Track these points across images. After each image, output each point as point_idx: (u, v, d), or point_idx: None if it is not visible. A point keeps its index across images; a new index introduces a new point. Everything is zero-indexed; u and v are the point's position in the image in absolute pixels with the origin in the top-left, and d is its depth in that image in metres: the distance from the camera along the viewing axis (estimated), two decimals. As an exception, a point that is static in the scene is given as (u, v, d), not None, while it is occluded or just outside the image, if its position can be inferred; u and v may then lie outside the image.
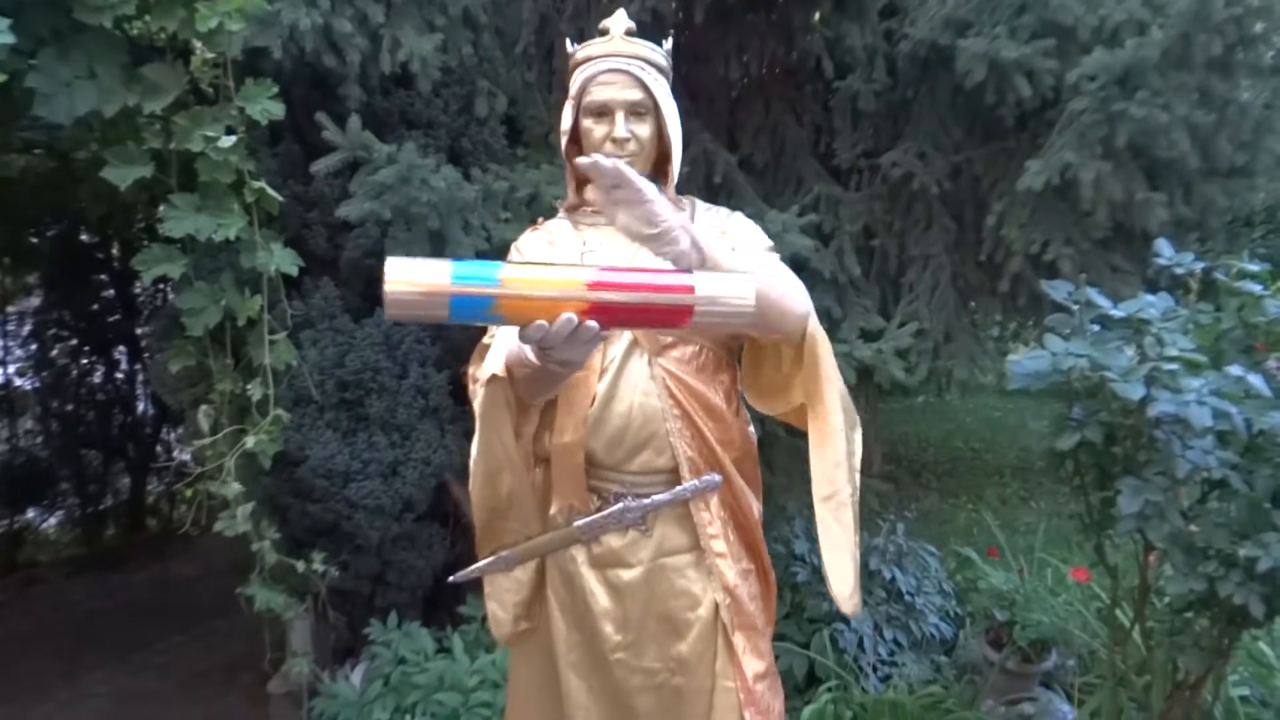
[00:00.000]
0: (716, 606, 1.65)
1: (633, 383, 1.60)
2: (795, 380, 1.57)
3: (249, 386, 2.71)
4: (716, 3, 3.04)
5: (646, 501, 1.62)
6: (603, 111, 1.59)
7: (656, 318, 1.19)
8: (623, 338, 1.61)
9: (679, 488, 1.61)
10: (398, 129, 3.12)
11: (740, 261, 1.43)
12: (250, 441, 2.66)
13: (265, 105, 2.60)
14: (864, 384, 3.15)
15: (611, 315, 1.17)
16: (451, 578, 1.78)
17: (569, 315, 1.15)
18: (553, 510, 1.70)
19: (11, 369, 7.11)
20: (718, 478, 1.62)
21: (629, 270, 1.25)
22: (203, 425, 2.75)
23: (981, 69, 2.83)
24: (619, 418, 1.60)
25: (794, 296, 1.46)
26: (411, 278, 1.14)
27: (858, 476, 1.61)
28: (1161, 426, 2.16)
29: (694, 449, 1.61)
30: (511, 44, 3.25)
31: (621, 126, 1.58)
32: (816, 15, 3.40)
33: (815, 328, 1.52)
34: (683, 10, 3.18)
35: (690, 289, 1.16)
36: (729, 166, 3.36)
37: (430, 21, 2.84)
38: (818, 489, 1.55)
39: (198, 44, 2.59)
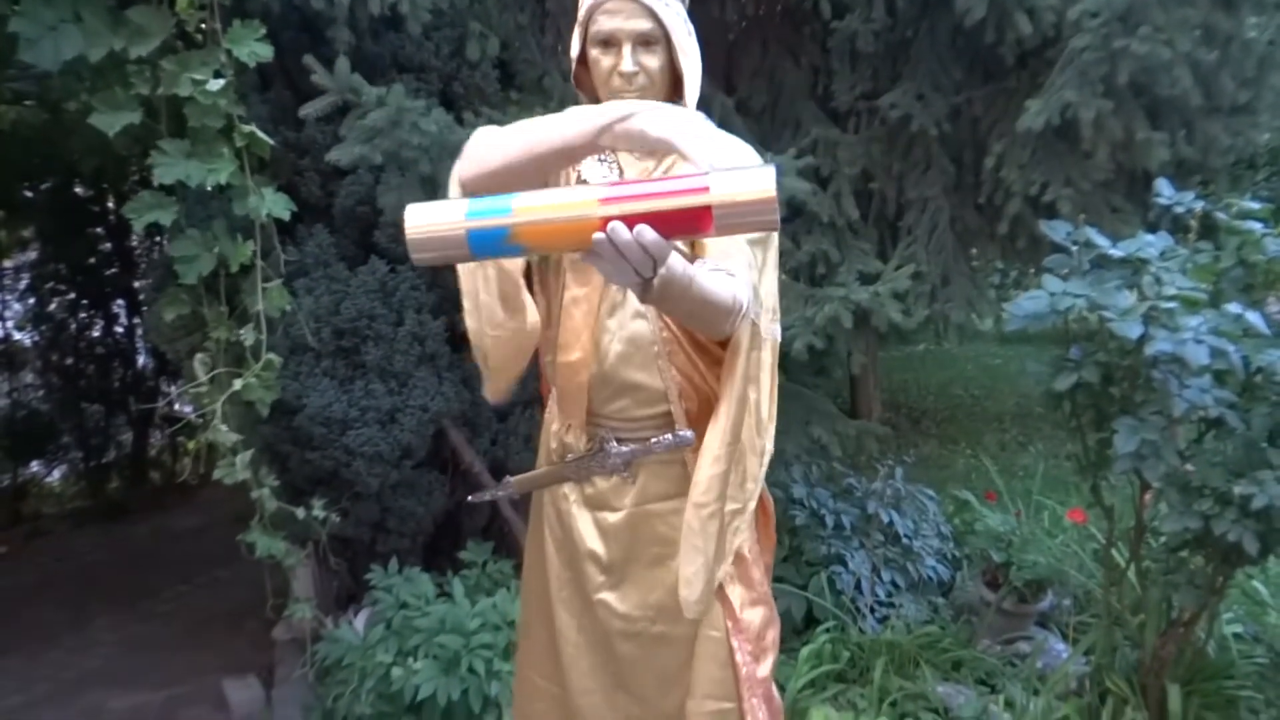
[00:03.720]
0: None
1: (628, 307, 1.59)
2: None
3: (242, 333, 2.70)
4: (713, -58, 2.99)
5: (625, 449, 1.62)
6: (609, 42, 1.51)
7: (677, 224, 1.14)
8: None
9: (653, 440, 1.61)
10: (388, 72, 3.08)
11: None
12: (239, 384, 2.66)
13: (253, 48, 2.55)
14: (862, 329, 3.14)
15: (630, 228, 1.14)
16: (470, 497, 1.90)
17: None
18: (555, 431, 1.71)
19: (10, 323, 7.11)
20: (689, 435, 1.59)
21: (640, 182, 1.22)
22: (199, 373, 2.74)
23: (981, 7, 2.78)
24: (610, 354, 1.59)
25: (720, 300, 1.36)
26: (428, 220, 1.16)
27: (749, 493, 1.58)
28: (1159, 366, 2.15)
29: (684, 377, 1.60)
30: (504, -15, 3.19)
31: (628, 60, 1.50)
32: (814, -48, 3.34)
33: (744, 327, 1.46)
34: (680, -51, 3.12)
35: (705, 189, 1.11)
36: (726, 110, 3.32)
37: (420, -38, 2.79)
38: (693, 492, 1.51)
39: (184, -14, 2.54)
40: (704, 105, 3.15)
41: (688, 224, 1.14)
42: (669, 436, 1.61)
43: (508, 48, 3.21)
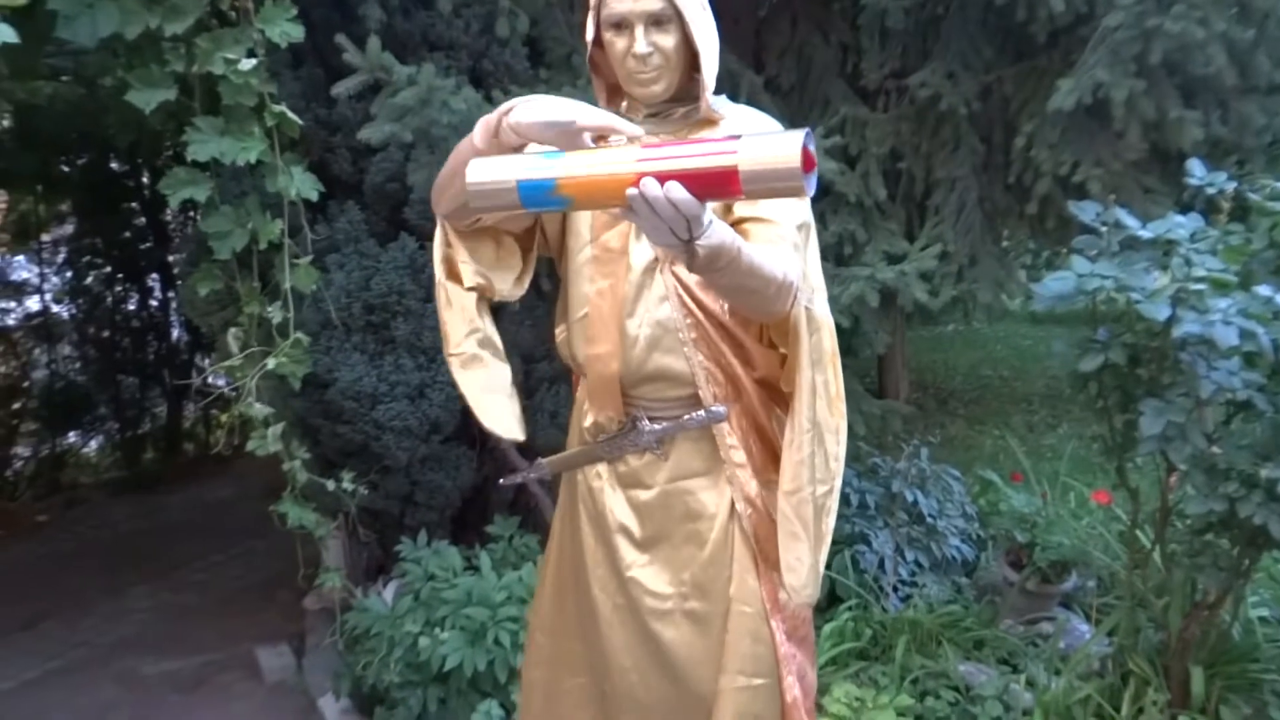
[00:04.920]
0: (728, 531, 1.65)
1: (652, 301, 1.60)
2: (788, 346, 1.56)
3: (270, 310, 2.74)
4: (743, -83, 2.98)
5: (658, 427, 1.64)
6: (621, 24, 1.51)
7: (708, 185, 1.18)
8: (645, 253, 1.61)
9: (686, 418, 1.63)
10: (419, 50, 3.10)
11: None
12: (271, 363, 2.71)
13: (284, 27, 2.58)
14: (888, 308, 3.14)
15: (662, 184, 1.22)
16: (503, 480, 1.99)
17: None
18: (587, 422, 1.72)
19: (48, 296, 7.22)
20: (721, 410, 1.62)
21: (675, 143, 1.31)
22: (233, 347, 2.80)
23: (1013, -17, 2.76)
24: (640, 340, 1.60)
25: (770, 273, 1.38)
26: (486, 170, 1.28)
27: (834, 471, 1.60)
28: (1187, 348, 2.14)
29: (710, 359, 1.61)
30: (533, -37, 3.19)
31: (641, 41, 1.49)
32: (846, -70, 3.32)
33: (799, 313, 1.48)
34: (708, -74, 3.11)
35: (734, 152, 1.17)
36: (754, 88, 3.31)
37: (451, -61, 2.81)
38: (782, 481, 1.55)
39: (217, -35, 2.58)
40: (733, 82, 3.18)
41: (717, 185, 1.18)
42: (702, 413, 1.62)
43: (537, 25, 3.22)
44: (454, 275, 1.67)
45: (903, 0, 3.17)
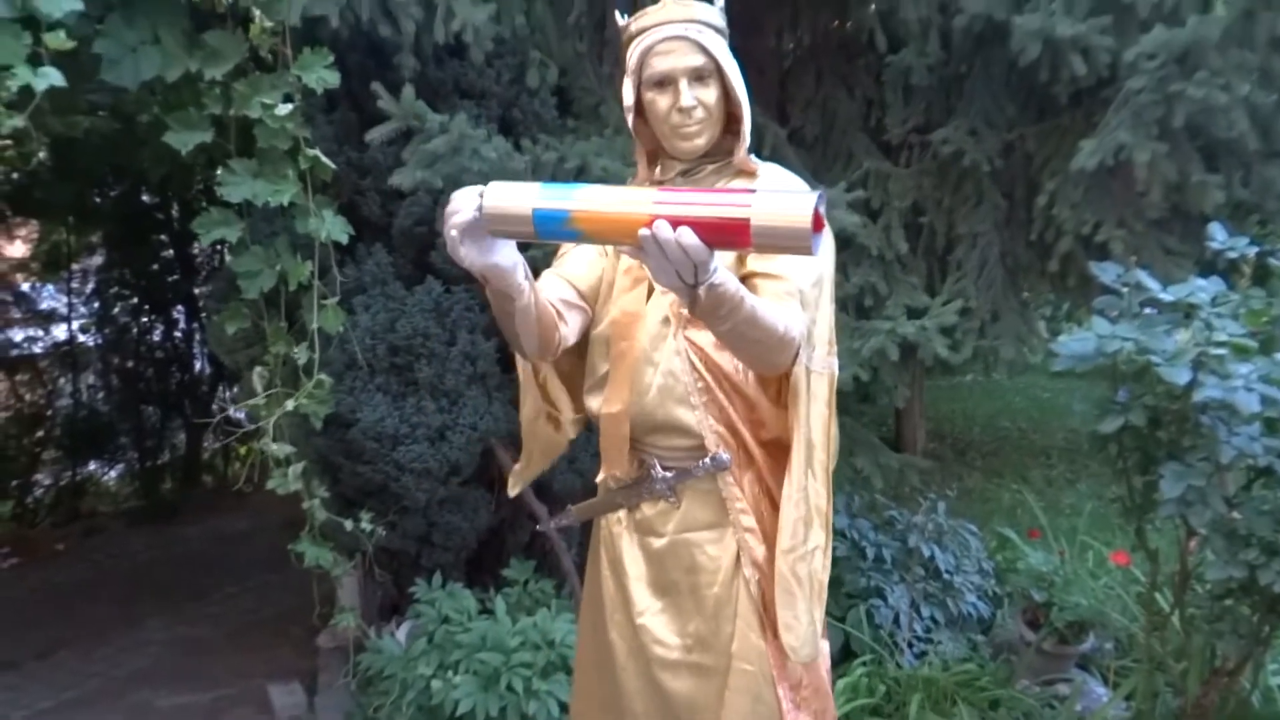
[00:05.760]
0: (734, 585, 1.66)
1: (666, 355, 1.63)
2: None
3: (296, 350, 2.78)
4: (770, -26, 3.03)
5: (669, 475, 1.67)
6: (665, 82, 1.57)
7: (719, 234, 1.21)
8: (661, 313, 1.64)
9: (695, 465, 1.65)
10: (451, 98, 3.16)
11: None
12: (291, 404, 2.74)
13: (321, 74, 2.64)
14: (908, 361, 3.15)
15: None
16: (538, 526, 2.07)
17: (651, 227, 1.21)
18: (600, 476, 1.76)
19: (75, 325, 7.31)
20: (726, 457, 1.64)
21: (692, 190, 1.34)
22: (257, 386, 2.83)
23: (1036, 46, 2.78)
24: (652, 387, 1.64)
25: (772, 326, 1.41)
26: (503, 196, 1.30)
27: (827, 530, 1.67)
28: (1207, 412, 2.14)
29: (720, 422, 1.64)
30: (564, 14, 3.25)
31: (686, 95, 1.55)
32: (871, -13, 3.37)
33: (799, 372, 1.54)
34: (736, -19, 3.17)
35: (747, 205, 1.20)
36: (778, 139, 3.35)
37: (485, -9, 2.86)
38: (780, 539, 1.59)
39: (257, 11, 2.64)
40: (757, 134, 3.22)
41: (729, 236, 1.22)
42: (707, 460, 1.65)
43: (566, 75, 3.28)
44: (554, 423, 1.80)
45: (926, 58, 3.20)
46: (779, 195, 1.21)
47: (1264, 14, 2.54)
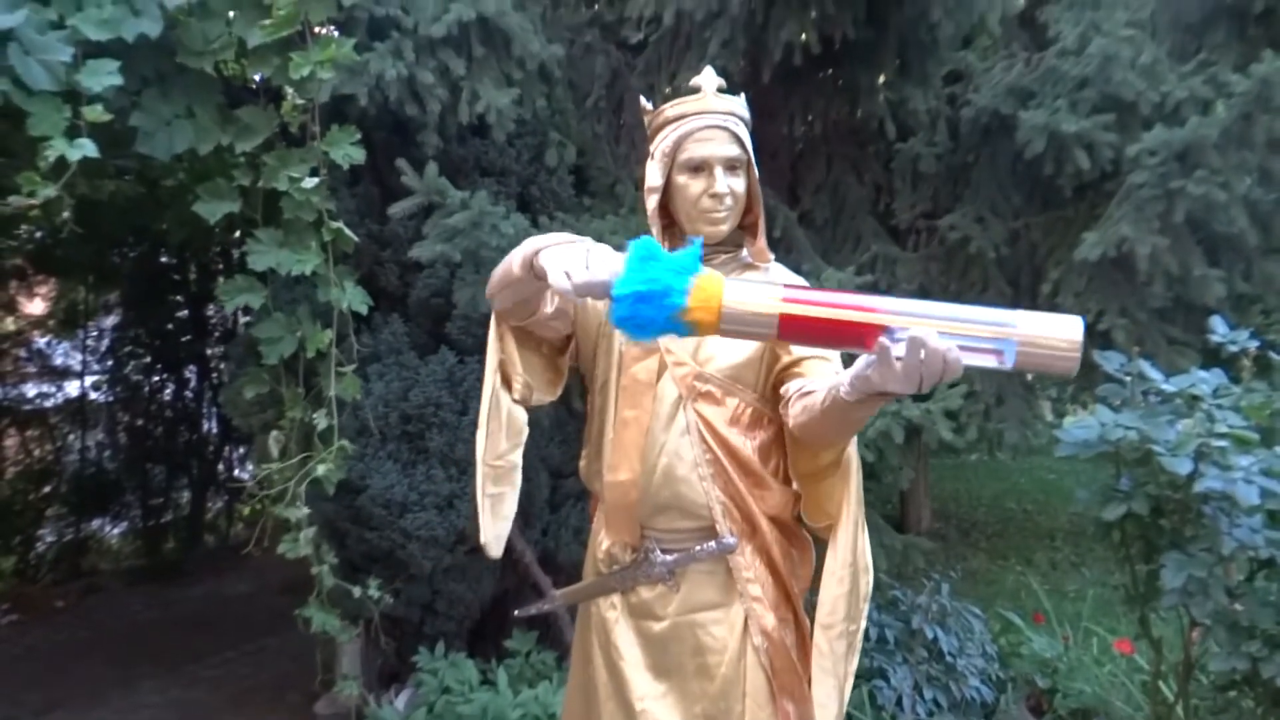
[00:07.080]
0: (741, 664, 1.66)
1: (674, 434, 1.65)
2: (827, 481, 1.63)
3: (315, 416, 2.82)
4: (784, 63, 3.13)
5: (669, 558, 1.67)
6: (701, 167, 1.62)
7: (849, 336, 1.19)
8: (672, 388, 1.67)
9: (697, 548, 1.66)
10: (472, 175, 3.26)
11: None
12: (321, 470, 2.77)
13: (348, 150, 2.73)
14: (912, 442, 3.18)
15: (800, 327, 1.22)
16: (517, 611, 1.97)
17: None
18: (604, 547, 1.75)
19: (88, 381, 7.36)
20: (732, 541, 1.66)
21: (953, 305, 1.25)
22: (272, 450, 2.87)
23: (1041, 140, 2.88)
24: (657, 469, 1.65)
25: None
26: (745, 294, 1.23)
27: (864, 610, 1.67)
28: (1209, 502, 2.17)
29: (726, 496, 1.66)
30: (583, 97, 3.37)
31: (721, 181, 1.61)
32: (881, 78, 3.48)
33: (851, 449, 1.58)
34: (750, 69, 3.28)
35: (1012, 325, 1.16)
36: (789, 222, 3.43)
37: (508, 75, 2.97)
38: (820, 613, 1.60)
39: (289, 89, 2.74)
40: (768, 217, 3.28)
41: (856, 336, 1.20)
42: (713, 544, 1.65)
43: (584, 155, 3.38)
44: (506, 382, 1.72)
45: (935, 147, 3.31)
46: (1043, 317, 1.17)
47: (1262, 116, 2.62)
